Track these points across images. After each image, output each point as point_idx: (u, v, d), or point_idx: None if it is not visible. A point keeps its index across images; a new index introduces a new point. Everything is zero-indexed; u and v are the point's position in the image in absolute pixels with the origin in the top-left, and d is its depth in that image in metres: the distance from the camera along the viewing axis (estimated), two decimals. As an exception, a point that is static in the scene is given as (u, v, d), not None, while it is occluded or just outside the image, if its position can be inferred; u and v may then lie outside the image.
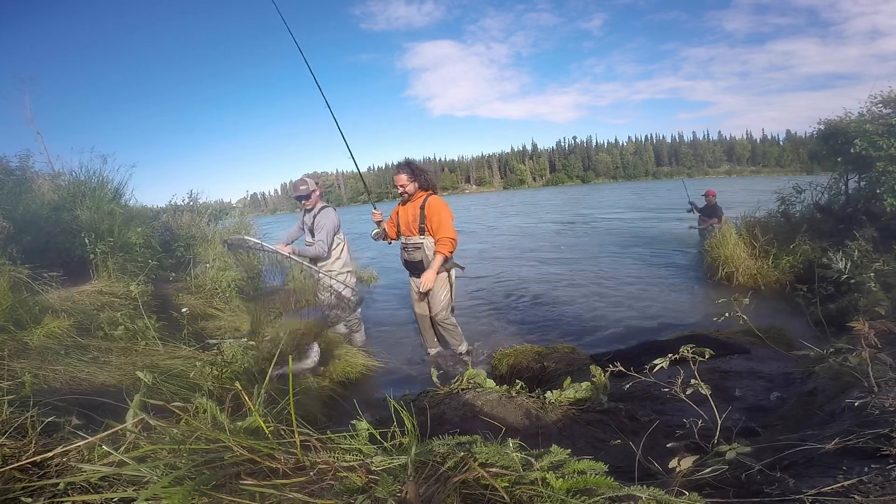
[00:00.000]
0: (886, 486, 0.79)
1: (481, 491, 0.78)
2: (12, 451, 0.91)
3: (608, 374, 1.68)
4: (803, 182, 6.09)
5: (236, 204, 8.58)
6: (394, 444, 0.99)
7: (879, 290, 3.21)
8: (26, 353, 2.04)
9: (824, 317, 2.44)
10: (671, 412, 1.88)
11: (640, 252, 8.39)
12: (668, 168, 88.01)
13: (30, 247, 3.45)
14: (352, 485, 0.81)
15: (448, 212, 3.14)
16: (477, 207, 30.91)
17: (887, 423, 1.01)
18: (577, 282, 6.37)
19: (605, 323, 4.52)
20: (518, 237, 12.50)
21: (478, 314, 5.14)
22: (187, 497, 0.70)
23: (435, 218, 3.11)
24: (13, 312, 2.45)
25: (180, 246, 5.22)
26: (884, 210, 4.57)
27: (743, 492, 0.91)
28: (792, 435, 1.19)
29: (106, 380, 1.94)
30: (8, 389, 1.28)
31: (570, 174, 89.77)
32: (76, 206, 4.11)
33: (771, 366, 2.50)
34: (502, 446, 0.89)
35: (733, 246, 5.67)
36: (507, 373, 3.13)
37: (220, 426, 0.96)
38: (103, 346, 2.35)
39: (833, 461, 0.96)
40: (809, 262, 4.80)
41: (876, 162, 4.64)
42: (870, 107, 4.93)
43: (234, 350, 2.38)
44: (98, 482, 0.82)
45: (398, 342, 4.30)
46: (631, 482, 0.83)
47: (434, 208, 3.12)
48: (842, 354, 1.43)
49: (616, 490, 0.77)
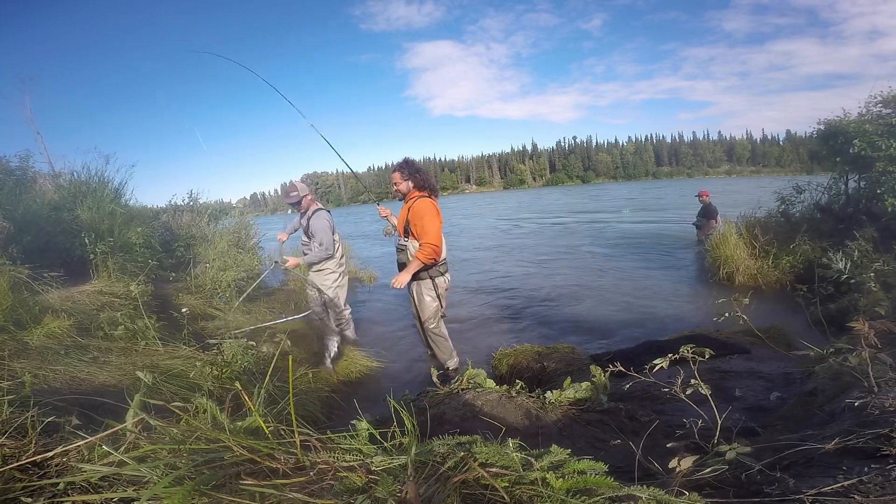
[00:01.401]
0: (886, 486, 0.79)
1: (481, 491, 0.78)
2: (12, 450, 0.91)
3: (608, 374, 1.69)
4: (803, 182, 6.08)
5: (236, 204, 8.58)
6: (394, 444, 0.99)
7: (879, 290, 3.21)
8: (26, 353, 2.04)
9: (824, 317, 2.43)
10: (671, 412, 1.88)
11: (640, 252, 8.38)
12: (668, 168, 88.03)
13: (30, 247, 3.45)
14: (352, 485, 0.81)
15: (433, 216, 2.96)
16: (477, 208, 30.91)
17: (887, 423, 1.01)
18: (578, 282, 6.37)
19: (605, 323, 4.52)
20: (518, 237, 12.50)
21: (478, 314, 5.14)
22: (187, 497, 0.70)
23: (419, 222, 2.96)
24: (13, 312, 2.45)
25: (180, 246, 5.22)
26: (884, 210, 4.57)
27: (743, 492, 0.91)
28: (792, 435, 1.19)
29: (106, 380, 1.94)
30: (8, 389, 1.28)
31: (570, 174, 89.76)
32: (77, 206, 4.11)
33: (771, 366, 2.50)
34: (502, 446, 0.89)
35: (733, 246, 5.67)
36: (507, 373, 3.13)
37: (220, 426, 0.96)
38: (103, 346, 2.35)
39: (833, 461, 0.96)
40: (809, 262, 4.80)
41: (876, 162, 4.64)
42: (869, 107, 4.93)
43: (234, 350, 2.38)
44: (98, 482, 0.82)
45: (398, 342, 4.30)
46: (631, 482, 0.83)
47: (418, 212, 2.97)
48: (842, 354, 1.43)
49: (616, 490, 0.77)
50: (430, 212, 2.96)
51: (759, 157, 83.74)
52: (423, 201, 3.01)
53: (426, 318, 3.15)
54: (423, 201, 3.01)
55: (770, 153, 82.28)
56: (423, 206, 2.98)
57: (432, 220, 2.94)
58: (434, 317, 3.16)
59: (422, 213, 2.95)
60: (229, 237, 5.85)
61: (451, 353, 3.28)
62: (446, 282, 3.19)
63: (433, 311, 3.15)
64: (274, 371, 1.48)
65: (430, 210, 2.96)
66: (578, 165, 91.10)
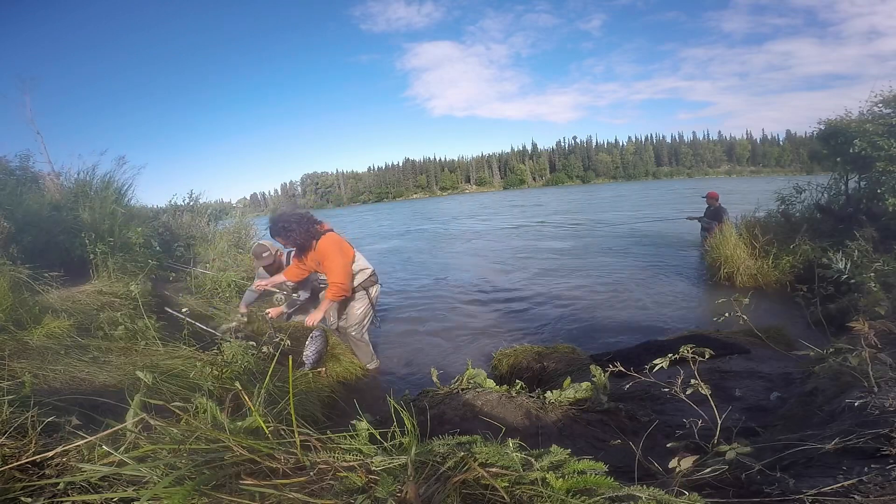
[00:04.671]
0: (886, 486, 0.79)
1: (481, 491, 0.78)
2: (12, 450, 0.91)
3: (608, 374, 1.68)
4: (803, 182, 6.08)
5: (236, 204, 8.59)
6: (394, 444, 0.99)
7: (879, 290, 3.21)
8: (26, 353, 2.04)
9: (824, 317, 2.43)
10: (671, 412, 1.88)
11: (640, 252, 8.38)
12: (668, 168, 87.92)
13: (30, 247, 3.46)
14: (352, 485, 0.81)
15: (334, 255, 3.01)
16: (477, 207, 30.91)
17: (887, 423, 1.01)
18: (578, 282, 6.37)
19: (605, 323, 4.52)
20: (518, 238, 12.50)
21: (478, 314, 5.14)
22: (187, 497, 0.70)
23: (325, 262, 3.05)
24: (13, 312, 2.45)
25: (180, 246, 5.22)
26: (884, 210, 4.57)
27: (743, 492, 0.91)
28: (792, 435, 1.19)
29: (106, 380, 1.94)
30: (8, 389, 1.28)
31: (570, 174, 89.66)
32: (79, 206, 4.12)
33: (771, 366, 2.49)
34: (502, 446, 0.89)
35: (733, 246, 5.67)
36: (507, 373, 3.13)
37: (220, 426, 0.96)
38: (103, 346, 2.35)
39: (833, 461, 0.96)
40: (809, 262, 4.80)
41: (876, 162, 4.64)
42: (870, 107, 4.92)
43: (234, 350, 2.38)
44: (98, 482, 0.82)
45: (398, 342, 4.30)
46: (631, 482, 0.83)
47: (322, 253, 3.04)
48: (842, 354, 1.43)
49: (616, 490, 0.77)
50: (332, 251, 3.02)
51: (759, 157, 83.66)
52: (323, 242, 3.05)
53: (350, 325, 3.30)
54: (323, 242, 3.05)
55: (770, 153, 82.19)
56: (325, 246, 3.04)
57: (334, 259, 3.01)
58: (359, 322, 3.31)
59: (325, 254, 3.03)
60: (229, 237, 5.86)
61: (371, 357, 3.49)
62: (377, 290, 3.41)
63: (359, 318, 3.30)
64: (274, 371, 1.48)
65: (331, 249, 3.02)
66: (578, 165, 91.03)
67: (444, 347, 4.09)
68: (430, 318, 5.06)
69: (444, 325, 4.76)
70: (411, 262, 9.51)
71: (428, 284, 6.94)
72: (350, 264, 3.11)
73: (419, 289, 6.65)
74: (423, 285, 6.89)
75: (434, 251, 11.12)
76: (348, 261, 3.08)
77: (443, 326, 4.73)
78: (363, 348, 3.44)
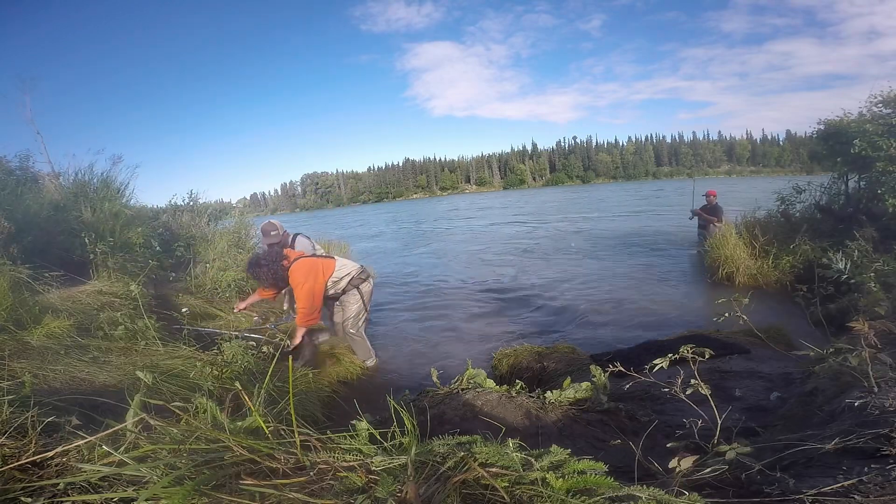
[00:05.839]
0: (886, 486, 0.79)
1: (481, 491, 0.78)
2: (12, 450, 0.91)
3: (608, 374, 1.68)
4: (803, 182, 6.08)
5: (236, 204, 8.58)
6: (394, 444, 0.99)
7: (879, 290, 3.21)
8: (26, 353, 2.04)
9: (824, 317, 2.43)
10: (671, 412, 1.88)
11: (640, 252, 8.39)
12: (668, 168, 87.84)
13: (30, 247, 3.46)
14: (352, 485, 0.81)
15: (300, 284, 3.13)
16: (477, 208, 30.90)
17: (887, 423, 1.01)
18: (578, 282, 6.37)
19: (605, 323, 4.52)
20: (518, 238, 12.50)
21: (478, 314, 5.14)
22: (187, 497, 0.70)
23: (294, 291, 3.22)
24: (13, 312, 2.45)
25: (180, 246, 5.21)
26: (884, 210, 4.57)
27: (743, 492, 0.90)
28: (792, 435, 1.19)
29: (106, 380, 1.94)
30: (8, 389, 1.28)
31: (570, 174, 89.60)
32: (79, 206, 4.12)
33: (771, 366, 2.49)
34: (502, 446, 0.89)
35: (733, 246, 5.67)
36: (507, 373, 3.13)
37: (220, 426, 0.96)
38: (103, 346, 2.36)
39: (833, 461, 0.96)
40: (809, 262, 4.80)
41: (876, 162, 4.64)
42: (870, 107, 4.93)
43: (234, 350, 2.38)
44: (98, 482, 0.82)
45: (398, 342, 4.30)
46: (631, 482, 0.83)
47: (293, 282, 3.18)
48: (842, 354, 1.43)
49: (616, 490, 0.77)
50: (298, 281, 3.16)
51: (759, 157, 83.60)
52: (292, 271, 3.19)
53: (346, 318, 3.43)
54: (292, 271, 3.19)
55: (770, 153, 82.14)
56: (293, 276, 3.18)
57: (300, 287, 3.14)
58: (354, 317, 3.43)
59: (293, 283, 3.19)
60: (229, 237, 5.85)
61: (369, 353, 3.55)
62: (369, 286, 3.52)
63: (354, 314, 3.43)
64: (274, 371, 1.48)
65: (296, 279, 3.17)
66: (578, 165, 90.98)
67: (444, 347, 4.09)
68: (431, 319, 5.06)
69: (444, 326, 4.77)
70: (411, 262, 9.52)
71: (428, 284, 6.95)
72: (319, 288, 3.21)
73: (419, 288, 6.66)
74: (424, 285, 6.90)
75: (434, 251, 11.13)
76: (317, 286, 3.19)
77: (443, 326, 4.74)
78: (360, 344, 3.51)
